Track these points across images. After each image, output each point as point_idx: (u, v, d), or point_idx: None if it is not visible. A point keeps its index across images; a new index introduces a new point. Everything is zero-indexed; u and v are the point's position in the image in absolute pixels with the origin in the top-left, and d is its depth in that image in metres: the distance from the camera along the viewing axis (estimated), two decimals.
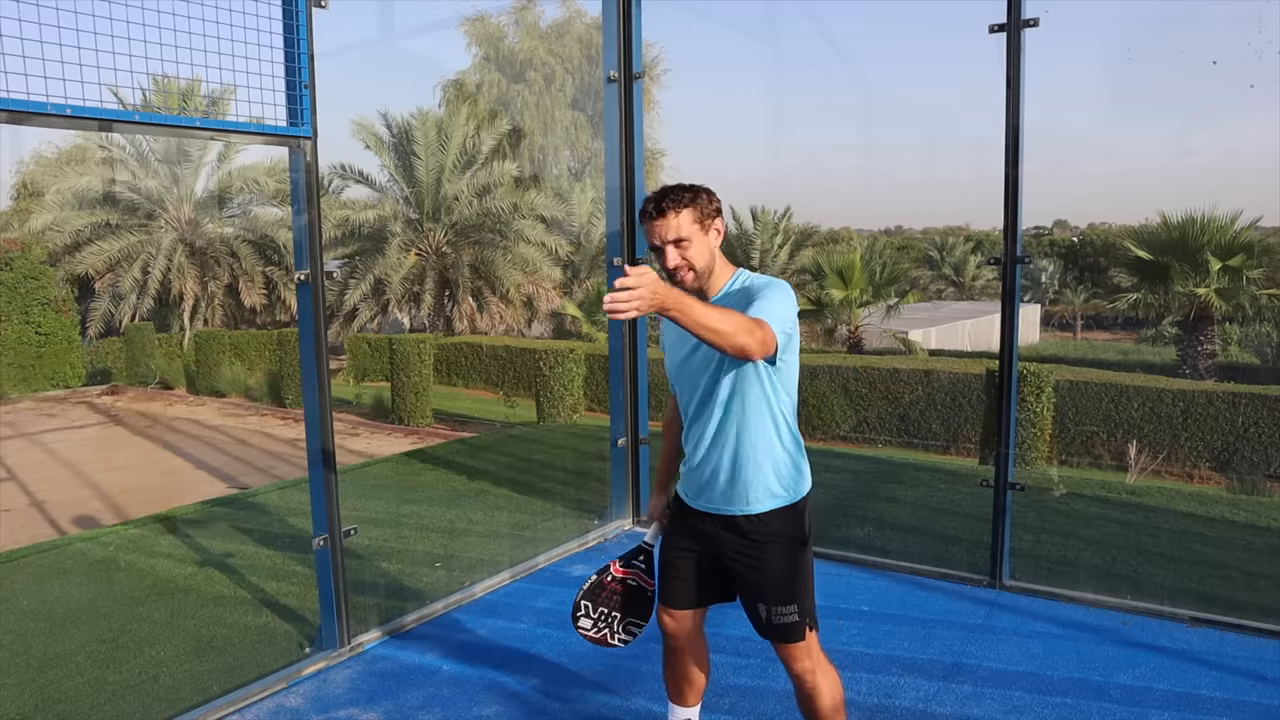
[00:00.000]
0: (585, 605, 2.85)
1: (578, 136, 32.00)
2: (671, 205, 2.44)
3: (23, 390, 22.74)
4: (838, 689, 2.59)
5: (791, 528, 2.50)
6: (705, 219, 2.46)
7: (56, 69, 2.56)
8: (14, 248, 22.88)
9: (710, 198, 2.49)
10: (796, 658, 2.54)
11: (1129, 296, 20.21)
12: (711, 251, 2.47)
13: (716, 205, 2.51)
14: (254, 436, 18.25)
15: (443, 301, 24.38)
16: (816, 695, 2.56)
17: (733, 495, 2.50)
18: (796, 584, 2.50)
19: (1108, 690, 3.34)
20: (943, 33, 62.33)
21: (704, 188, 2.51)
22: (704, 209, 2.46)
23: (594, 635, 2.85)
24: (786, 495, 2.49)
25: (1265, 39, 16.04)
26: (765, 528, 2.49)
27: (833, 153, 67.82)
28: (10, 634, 4.19)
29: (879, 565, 4.59)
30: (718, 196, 2.54)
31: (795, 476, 2.51)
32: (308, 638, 3.92)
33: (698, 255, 2.44)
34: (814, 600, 2.56)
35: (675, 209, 2.44)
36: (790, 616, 2.49)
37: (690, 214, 2.44)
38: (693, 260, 2.44)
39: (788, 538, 2.49)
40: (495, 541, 5.31)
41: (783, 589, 2.49)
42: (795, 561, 2.50)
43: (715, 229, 2.49)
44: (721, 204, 2.55)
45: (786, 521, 2.49)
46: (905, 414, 16.21)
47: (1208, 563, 4.96)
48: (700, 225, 2.45)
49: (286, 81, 3.27)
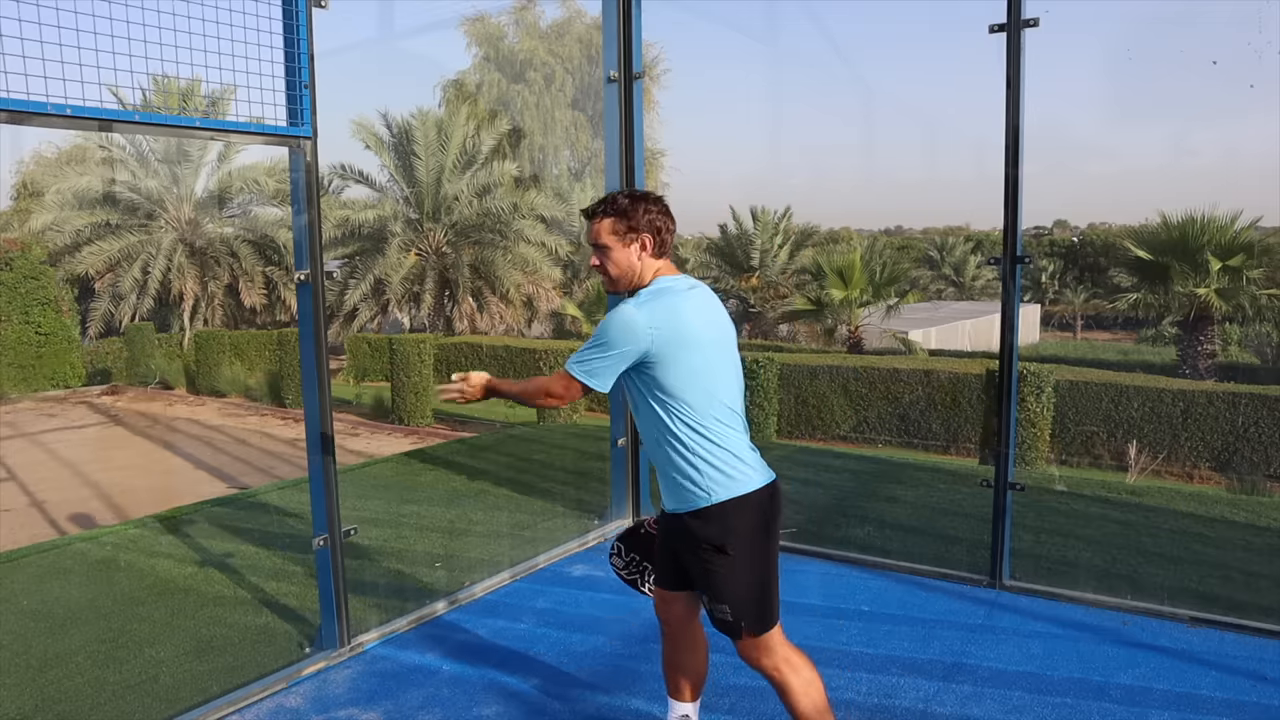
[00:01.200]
0: (619, 546, 2.94)
1: (578, 136, 32.00)
2: (598, 213, 2.59)
3: (23, 390, 22.74)
4: (814, 687, 2.58)
5: (713, 531, 2.50)
6: (629, 231, 2.55)
7: (56, 69, 2.56)
8: (14, 248, 22.88)
9: (645, 210, 2.56)
10: (754, 658, 2.59)
11: (1129, 296, 20.21)
12: (631, 262, 2.57)
13: (651, 218, 2.56)
14: (254, 436, 18.25)
15: (443, 301, 24.38)
16: (787, 691, 2.57)
17: (664, 494, 2.62)
18: (724, 586, 2.52)
19: (1108, 690, 3.34)
20: (943, 33, 62.33)
21: (646, 199, 2.59)
22: (630, 221, 2.55)
23: (625, 575, 2.95)
24: (708, 498, 2.51)
25: (1265, 39, 16.03)
26: (690, 528, 2.54)
27: (833, 153, 67.78)
28: (10, 634, 4.19)
29: (879, 565, 4.59)
30: (661, 209, 2.59)
31: (721, 480, 2.51)
32: (308, 638, 3.92)
33: (612, 264, 2.58)
34: (759, 603, 2.54)
35: (600, 217, 2.58)
36: (725, 615, 2.54)
37: (611, 224, 2.56)
38: (607, 268, 2.59)
39: (707, 540, 2.51)
40: (495, 541, 5.31)
41: (714, 587, 2.53)
42: (720, 563, 2.51)
43: (641, 242, 2.56)
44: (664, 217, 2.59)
45: (708, 524, 2.51)
46: (905, 414, 16.21)
47: (1208, 563, 4.96)
48: (619, 237, 2.55)
49: (286, 81, 3.27)
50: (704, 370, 2.51)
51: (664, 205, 2.62)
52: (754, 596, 2.53)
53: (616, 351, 2.47)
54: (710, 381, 2.52)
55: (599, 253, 2.60)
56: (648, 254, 2.58)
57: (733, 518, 2.50)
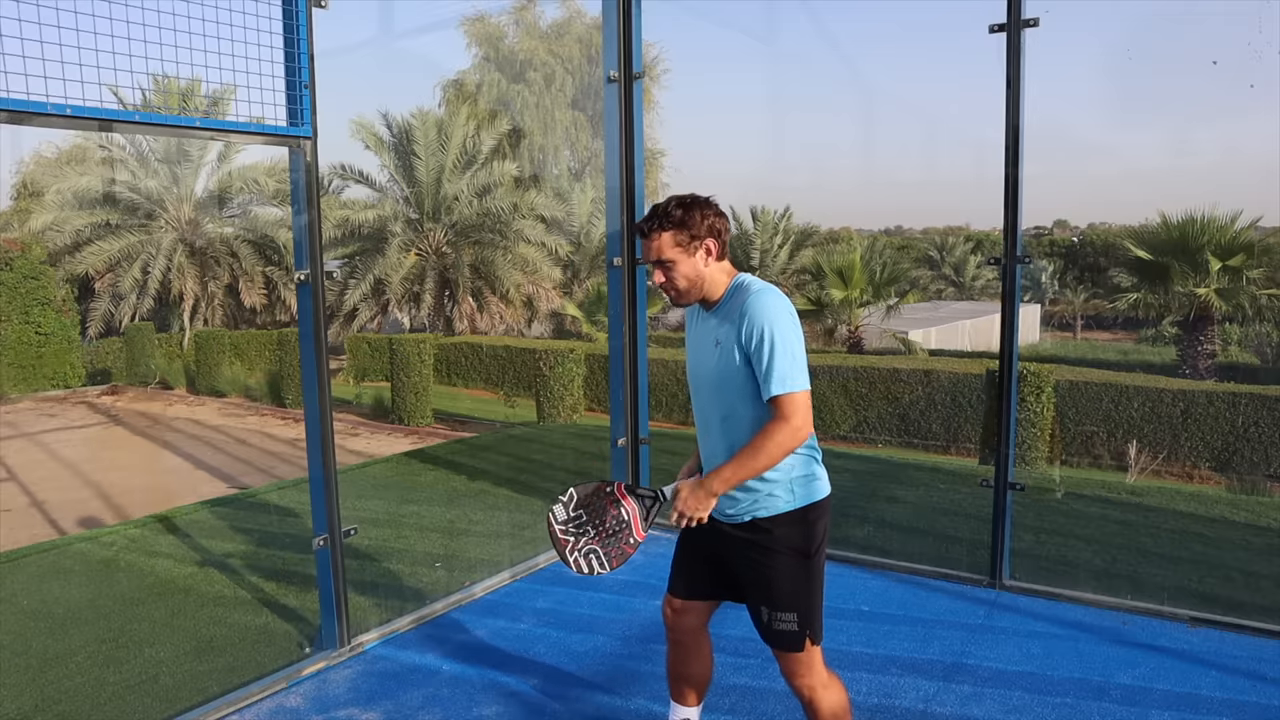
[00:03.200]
0: (573, 494, 2.58)
1: (578, 136, 31.99)
2: (655, 228, 2.45)
3: (23, 390, 22.74)
4: (841, 705, 2.55)
5: (797, 535, 2.46)
6: (691, 240, 2.44)
7: (56, 69, 2.56)
8: (14, 248, 22.88)
9: (703, 216, 2.45)
10: (796, 672, 2.52)
11: (1129, 296, 20.21)
12: (699, 271, 2.47)
13: (710, 223, 2.46)
14: (254, 436, 18.25)
15: (443, 301, 24.38)
16: (816, 710, 2.54)
17: (737, 501, 2.49)
18: (799, 592, 2.47)
19: (1108, 690, 3.34)
20: (943, 33, 62.33)
21: (699, 204, 2.47)
22: (691, 230, 2.44)
23: (558, 530, 2.56)
24: (792, 501, 2.46)
25: (1265, 39, 16.05)
26: (769, 534, 2.46)
27: (833, 153, 67.82)
28: (10, 634, 4.19)
29: (879, 565, 4.58)
30: (715, 210, 2.49)
31: (803, 483, 2.47)
32: (308, 638, 3.92)
33: (680, 276, 2.46)
34: (819, 613, 2.50)
35: (658, 232, 2.45)
36: (789, 624, 2.46)
37: (671, 237, 2.44)
38: (675, 282, 2.47)
39: (792, 545, 2.46)
40: (495, 541, 5.31)
41: (783, 595, 2.46)
42: (797, 569, 2.47)
43: (705, 248, 2.46)
44: (720, 218, 2.49)
45: (791, 529, 2.46)
46: (905, 414, 16.21)
47: (1208, 563, 4.96)
48: (683, 248, 2.44)
49: (286, 81, 3.27)
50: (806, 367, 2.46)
51: (717, 206, 2.51)
52: (818, 604, 2.50)
53: (794, 336, 2.35)
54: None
55: (662, 268, 2.47)
56: (713, 258, 2.48)
57: (814, 522, 2.46)
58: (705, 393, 2.53)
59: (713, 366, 2.47)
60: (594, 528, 2.54)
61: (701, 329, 2.56)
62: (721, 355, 2.44)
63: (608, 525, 2.54)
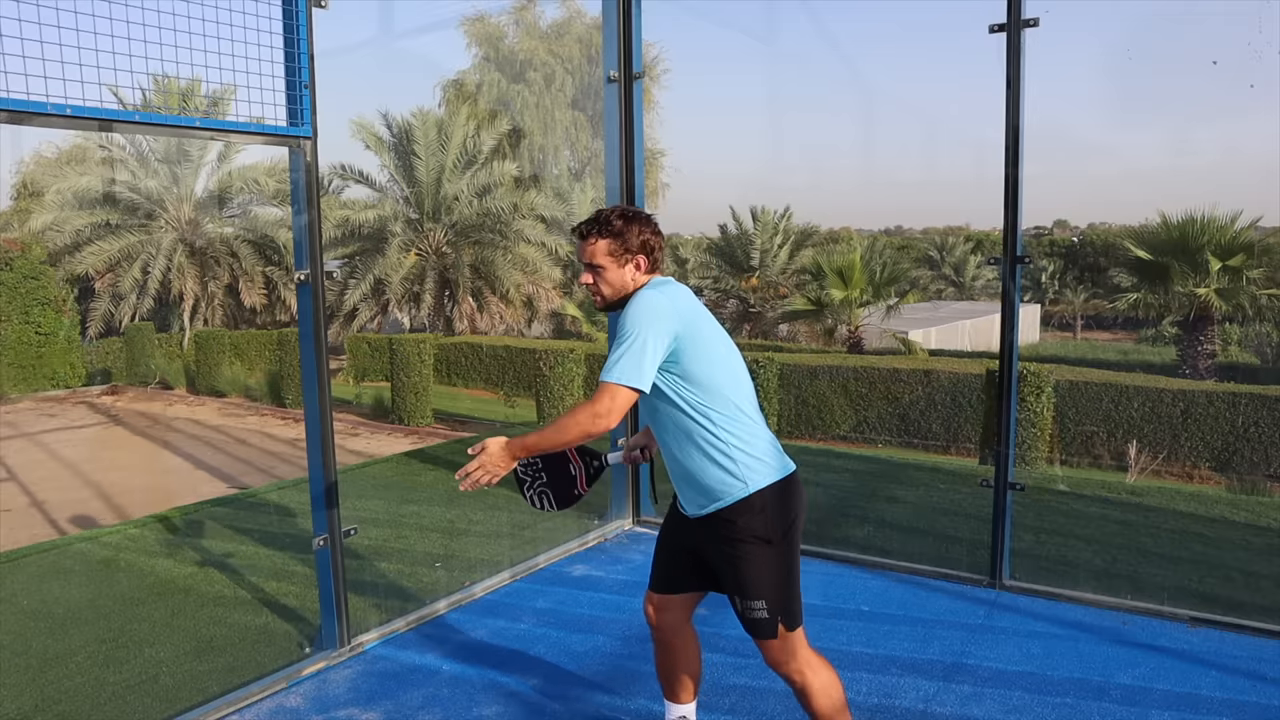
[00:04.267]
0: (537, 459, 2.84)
1: (578, 136, 31.99)
2: (593, 233, 2.57)
3: (23, 390, 22.74)
4: (833, 687, 2.57)
5: (756, 523, 2.48)
6: (624, 253, 2.56)
7: (56, 69, 2.56)
8: (14, 248, 22.88)
9: (639, 231, 2.56)
10: (779, 660, 2.54)
11: (1129, 296, 20.21)
12: (624, 281, 2.58)
13: (645, 239, 2.56)
14: (254, 436, 18.25)
15: (443, 301, 24.38)
16: (808, 693, 2.56)
17: (689, 497, 2.58)
18: (763, 579, 2.49)
19: (1108, 690, 3.34)
20: (943, 33, 62.27)
21: (639, 219, 2.58)
22: (626, 243, 2.55)
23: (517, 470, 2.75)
24: (745, 489, 2.48)
25: (1265, 39, 16.04)
26: (731, 525, 2.50)
27: (833, 153, 67.74)
28: (10, 634, 4.19)
29: (879, 565, 4.59)
30: (653, 229, 2.59)
31: (750, 471, 2.48)
32: (308, 638, 3.92)
33: (606, 284, 2.59)
34: (792, 598, 2.52)
35: (595, 238, 2.57)
36: (759, 612, 2.50)
37: (606, 245, 2.56)
38: (600, 289, 2.61)
39: (754, 534, 2.49)
40: (495, 541, 5.32)
41: (748, 583, 2.49)
42: (762, 557, 2.49)
43: (635, 262, 2.57)
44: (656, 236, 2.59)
45: (750, 517, 2.49)
46: (905, 414, 16.21)
47: (1208, 563, 4.96)
48: (615, 258, 2.56)
49: (286, 81, 3.27)
50: (727, 357, 2.52)
51: (655, 224, 2.63)
52: (789, 590, 2.52)
53: (652, 339, 2.39)
54: (733, 369, 2.53)
55: (593, 272, 2.60)
56: (640, 273, 2.59)
57: (772, 506, 2.49)
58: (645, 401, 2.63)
59: None
60: (547, 474, 2.84)
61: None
62: None
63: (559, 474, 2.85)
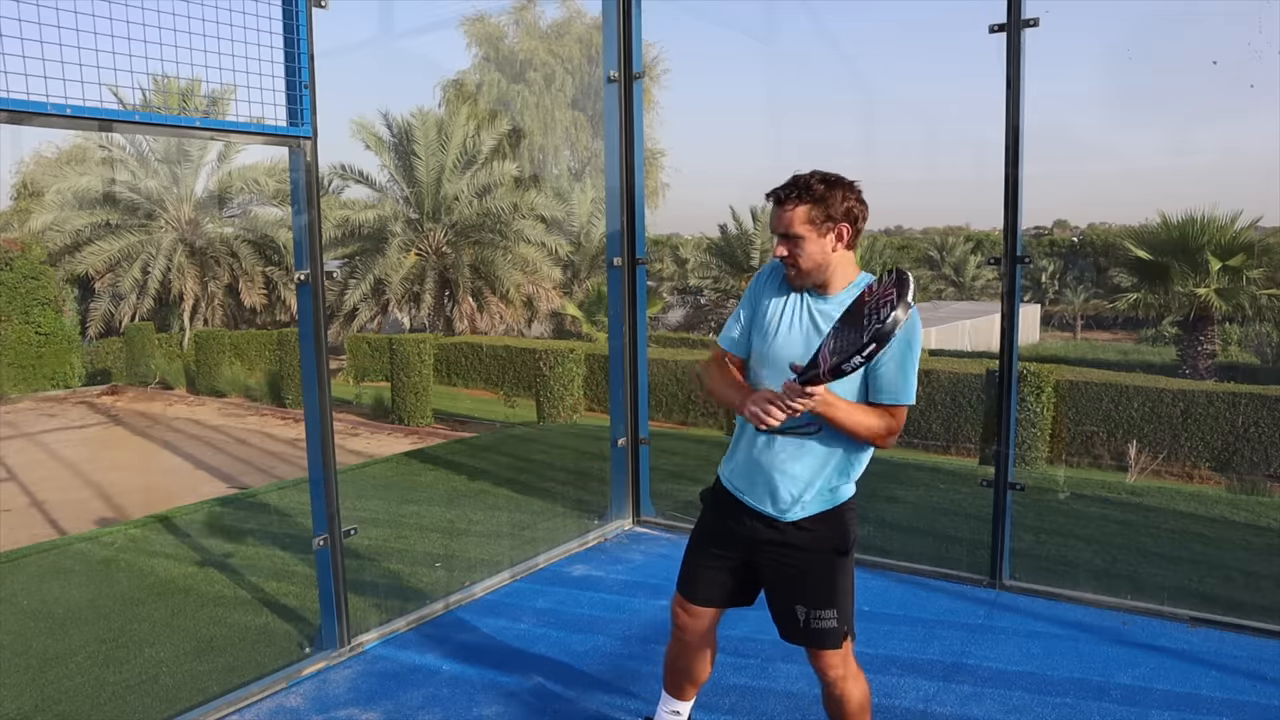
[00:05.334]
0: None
1: (578, 136, 32.00)
2: (792, 198, 2.34)
3: (23, 390, 22.74)
4: (866, 696, 2.58)
5: (834, 534, 2.46)
6: (825, 220, 2.33)
7: (56, 69, 2.55)
8: (14, 248, 22.88)
9: (844, 197, 2.34)
10: (832, 665, 2.51)
11: (1129, 296, 20.21)
12: (825, 254, 2.35)
13: (849, 206, 2.34)
14: (254, 436, 18.25)
15: (443, 301, 24.39)
16: (845, 701, 2.55)
17: (779, 497, 2.45)
18: (838, 589, 2.46)
19: (1108, 690, 3.34)
20: (943, 33, 62.23)
21: (842, 184, 2.36)
22: (828, 209, 2.32)
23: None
24: (831, 500, 2.47)
25: (1265, 39, 16.07)
26: (809, 533, 2.45)
27: (833, 153, 67.70)
28: (10, 634, 4.19)
29: (879, 565, 4.58)
30: (858, 196, 2.37)
31: (839, 484, 2.48)
32: (308, 638, 3.92)
33: (805, 256, 2.35)
34: (853, 610, 2.53)
35: (794, 204, 2.33)
36: (829, 621, 2.45)
37: (805, 212, 2.32)
38: (798, 260, 2.36)
39: (831, 544, 2.46)
40: (495, 541, 5.31)
41: (823, 593, 2.44)
42: (837, 566, 2.47)
43: (837, 233, 2.35)
44: (861, 205, 2.37)
45: (829, 527, 2.46)
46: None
47: (1208, 563, 4.96)
48: (815, 226, 2.33)
49: (286, 81, 3.27)
50: None
51: (859, 191, 2.38)
52: (853, 599, 2.51)
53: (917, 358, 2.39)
54: None
55: (788, 242, 2.35)
56: (843, 245, 2.37)
57: (849, 521, 2.47)
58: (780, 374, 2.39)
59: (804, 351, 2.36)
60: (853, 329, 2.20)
61: (803, 310, 2.42)
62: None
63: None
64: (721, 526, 2.59)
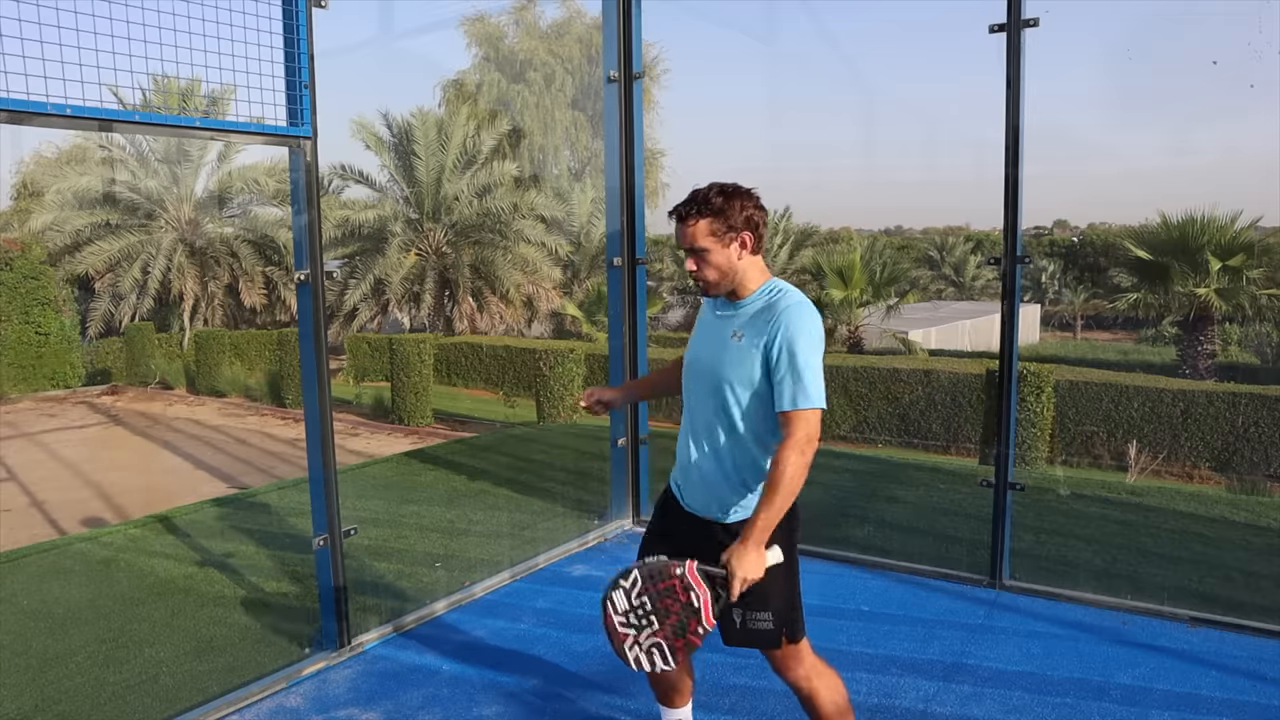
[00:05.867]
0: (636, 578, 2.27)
1: (578, 136, 32.00)
2: (693, 214, 2.40)
3: (23, 390, 22.74)
4: (838, 692, 2.56)
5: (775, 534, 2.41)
6: (727, 232, 2.39)
7: (56, 69, 2.56)
8: (14, 248, 22.88)
9: (742, 207, 2.40)
10: (786, 666, 2.52)
11: (1129, 296, 20.21)
12: (731, 262, 2.42)
13: (749, 215, 2.41)
14: (254, 436, 18.25)
15: (443, 301, 24.39)
16: (815, 699, 2.54)
17: (713, 502, 2.49)
18: (771, 591, 2.43)
19: (1108, 690, 3.34)
20: (943, 33, 62.30)
21: (740, 194, 2.42)
22: (728, 221, 2.39)
23: (616, 623, 2.29)
24: None
25: (1265, 39, 16.06)
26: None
27: (833, 153, 67.85)
28: (10, 634, 4.19)
29: (879, 565, 4.58)
30: (755, 203, 2.44)
31: None
32: (308, 638, 3.92)
33: (712, 268, 2.42)
34: (796, 609, 2.49)
35: (695, 218, 2.40)
36: (764, 623, 2.45)
37: (707, 225, 2.39)
38: (705, 273, 2.43)
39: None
40: (495, 541, 5.31)
41: (757, 594, 2.40)
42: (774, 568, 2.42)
43: (740, 240, 2.41)
44: (760, 211, 2.44)
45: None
46: (905, 414, 16.21)
47: (1208, 563, 4.96)
48: (718, 238, 2.40)
49: (286, 81, 3.27)
50: None
51: (757, 198, 2.45)
52: (794, 602, 2.49)
53: (819, 358, 2.36)
54: None
55: (696, 256, 2.42)
56: (747, 252, 2.43)
57: (789, 520, 2.43)
58: (704, 383, 2.49)
59: (723, 359, 2.43)
60: (658, 617, 2.25)
61: (719, 322, 2.51)
62: (739, 352, 2.40)
63: (675, 615, 2.25)
64: (668, 529, 2.63)
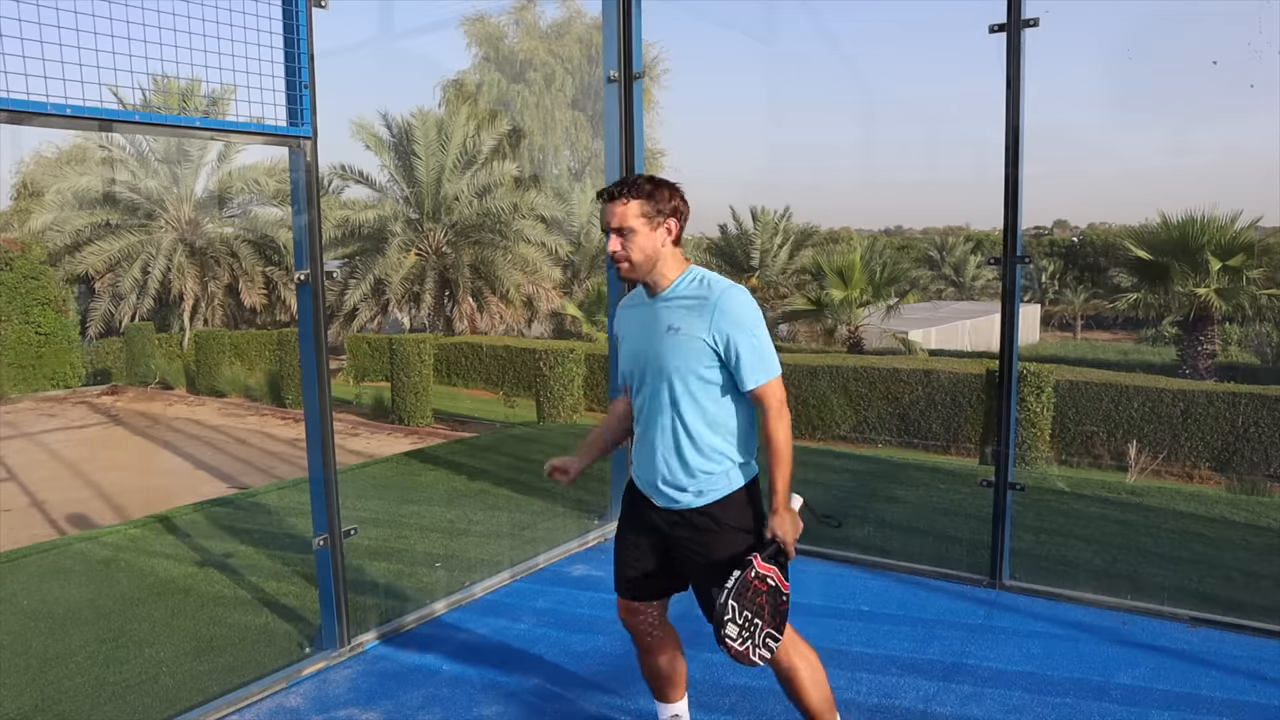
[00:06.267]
0: (733, 607, 2.40)
1: (578, 136, 32.01)
2: (623, 194, 2.47)
3: (23, 390, 22.74)
4: (814, 666, 2.60)
5: (744, 515, 2.52)
6: (656, 215, 2.48)
7: (56, 69, 2.56)
8: (14, 248, 22.88)
9: (670, 195, 2.50)
10: None
11: (1129, 296, 20.21)
12: (655, 247, 2.49)
13: (675, 204, 2.50)
14: (254, 436, 18.25)
15: (443, 301, 24.38)
16: (795, 678, 2.57)
17: (680, 491, 2.53)
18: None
19: (1108, 690, 3.34)
20: (943, 33, 62.32)
21: (669, 185, 2.52)
22: (658, 205, 2.47)
23: (738, 648, 2.43)
24: (740, 481, 2.52)
25: (1265, 39, 16.05)
26: (717, 517, 2.51)
27: (833, 153, 67.86)
28: (10, 634, 4.18)
29: (879, 565, 4.59)
30: (682, 196, 2.53)
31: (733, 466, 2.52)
32: (308, 638, 3.92)
33: (637, 249, 2.47)
34: None
35: (625, 198, 2.47)
36: None
37: (639, 206, 2.46)
38: (630, 253, 2.48)
39: (741, 525, 2.51)
40: (495, 541, 5.31)
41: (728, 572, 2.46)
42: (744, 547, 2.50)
43: (666, 228, 2.49)
44: (684, 203, 2.53)
45: (739, 509, 2.52)
46: (905, 414, 16.21)
47: (1208, 563, 4.96)
48: (648, 220, 2.47)
49: (286, 81, 3.27)
50: None
51: (683, 193, 2.56)
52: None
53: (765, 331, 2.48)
54: None
55: (621, 236, 2.47)
56: (671, 239, 2.51)
57: (756, 498, 2.52)
58: (651, 380, 2.53)
59: (663, 353, 2.48)
60: (758, 616, 2.44)
61: (647, 316, 2.55)
62: (679, 344, 2.45)
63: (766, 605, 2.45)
64: (636, 520, 2.67)
